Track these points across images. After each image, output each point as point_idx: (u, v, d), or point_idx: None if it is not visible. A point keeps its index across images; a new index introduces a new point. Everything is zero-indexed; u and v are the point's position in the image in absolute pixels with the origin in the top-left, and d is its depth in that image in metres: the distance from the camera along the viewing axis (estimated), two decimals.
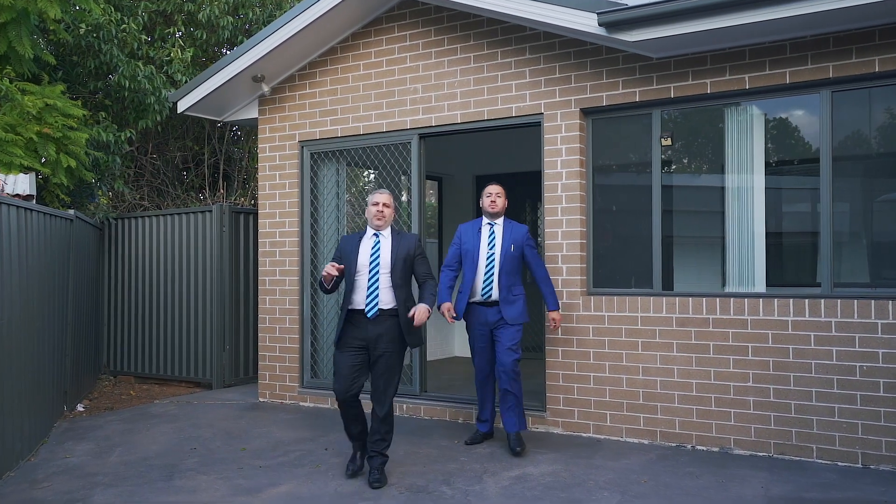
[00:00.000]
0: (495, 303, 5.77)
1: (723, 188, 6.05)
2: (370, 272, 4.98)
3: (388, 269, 4.99)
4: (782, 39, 5.51)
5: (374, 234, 5.08)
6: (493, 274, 5.75)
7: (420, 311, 4.93)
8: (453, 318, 5.77)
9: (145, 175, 10.92)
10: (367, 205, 5.14)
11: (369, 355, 5.02)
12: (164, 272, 9.29)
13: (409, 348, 5.23)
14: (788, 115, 5.81)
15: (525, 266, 5.91)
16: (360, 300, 4.96)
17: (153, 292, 9.36)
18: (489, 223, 5.88)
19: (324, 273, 4.92)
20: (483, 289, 5.79)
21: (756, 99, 5.78)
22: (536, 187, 9.78)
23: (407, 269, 5.08)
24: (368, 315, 4.93)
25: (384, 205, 5.07)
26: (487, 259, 5.79)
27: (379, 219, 5.06)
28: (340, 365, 5.00)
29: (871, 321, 5.24)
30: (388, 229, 5.12)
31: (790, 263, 6.12)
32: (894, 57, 5.17)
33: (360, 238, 5.08)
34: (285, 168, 7.85)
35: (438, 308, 5.68)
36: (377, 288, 4.96)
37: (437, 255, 10.30)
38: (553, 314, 5.90)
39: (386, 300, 4.98)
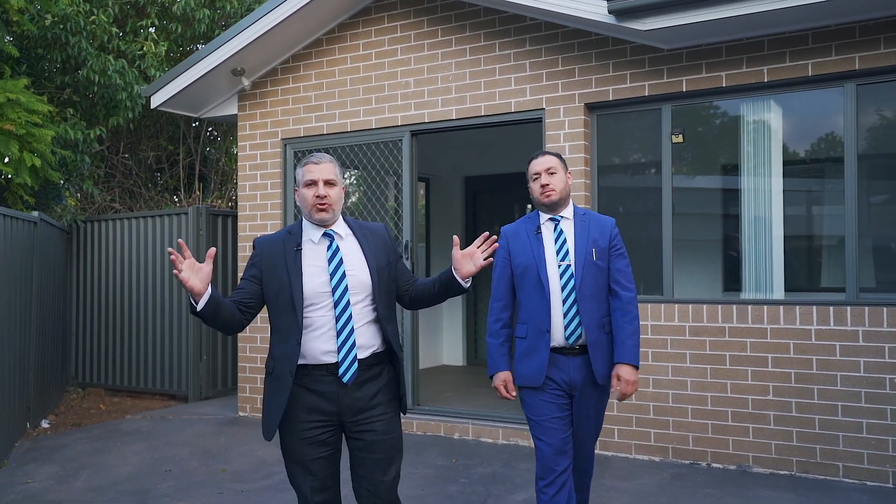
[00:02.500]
0: (581, 350, 3.45)
1: (738, 189, 5.69)
2: (337, 303, 2.89)
3: (367, 291, 2.94)
4: (804, 29, 5.16)
5: (326, 234, 2.97)
6: (575, 301, 3.41)
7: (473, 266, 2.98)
8: (512, 396, 3.55)
9: (116, 175, 10.36)
10: (296, 185, 3.02)
11: (343, 429, 2.98)
12: (136, 278, 8.75)
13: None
14: (810, 110, 5.47)
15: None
16: (318, 351, 2.89)
17: (125, 299, 8.83)
18: (552, 218, 3.52)
19: (182, 277, 2.73)
20: (568, 327, 3.42)
21: (775, 93, 5.43)
22: None
23: (392, 285, 3.08)
24: (345, 378, 2.87)
25: (326, 182, 2.92)
26: (563, 278, 3.43)
27: (321, 207, 2.92)
28: (301, 455, 2.93)
29: None
30: (341, 221, 3.04)
31: (811, 268, 5.79)
32: None
33: (297, 243, 2.95)
34: (267, 167, 7.38)
35: (490, 377, 3.55)
36: (351, 329, 2.88)
37: (426, 261, 9.87)
38: (624, 371, 3.43)
39: (368, 342, 2.94)
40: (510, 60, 6.19)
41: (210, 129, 11.17)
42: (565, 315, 3.41)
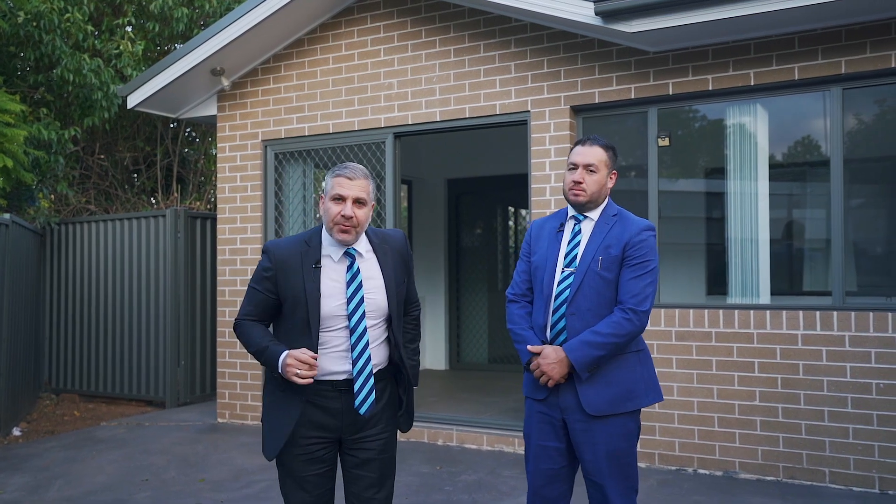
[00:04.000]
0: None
1: (724, 192, 5.66)
2: (353, 329, 2.72)
3: (383, 316, 2.81)
4: (790, 32, 5.14)
5: (346, 254, 2.77)
6: (564, 315, 3.00)
7: None
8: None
9: (92, 177, 10.17)
10: (323, 196, 2.78)
11: (341, 447, 2.86)
12: (112, 281, 8.57)
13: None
14: (796, 113, 5.46)
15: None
16: (327, 371, 2.73)
17: (101, 303, 8.64)
18: (575, 217, 3.12)
19: (294, 376, 2.58)
20: (553, 343, 3.03)
21: (761, 96, 5.40)
22: (513, 192, 9.44)
23: (403, 302, 2.94)
24: (362, 411, 2.74)
25: (355, 201, 2.70)
26: (560, 285, 3.03)
27: (344, 229, 2.70)
28: (296, 471, 2.78)
29: (888, 335, 4.88)
30: (364, 238, 2.84)
31: (797, 272, 5.77)
32: None
33: (317, 259, 2.74)
34: (247, 169, 7.25)
35: (527, 365, 3.07)
36: (368, 357, 2.73)
37: None
38: (550, 351, 2.97)
39: (379, 361, 2.82)
40: (495, 62, 6.12)
41: (188, 129, 11.00)
42: (552, 328, 3.01)
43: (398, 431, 2.97)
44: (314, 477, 2.79)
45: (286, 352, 2.63)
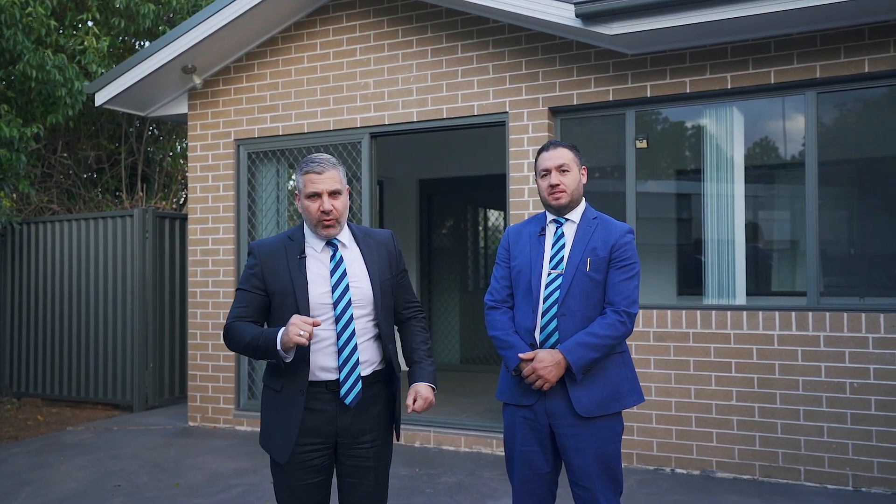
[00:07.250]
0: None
1: (700, 194, 5.72)
2: (339, 317, 2.70)
3: (370, 305, 2.77)
4: (767, 37, 5.21)
5: (329, 244, 2.78)
6: (555, 317, 2.98)
7: (423, 396, 2.80)
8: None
9: (54, 175, 9.92)
10: (298, 193, 2.79)
11: (336, 454, 2.79)
12: (77, 283, 8.36)
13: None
14: (772, 117, 5.54)
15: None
16: (317, 367, 2.69)
17: (65, 305, 8.43)
18: (555, 220, 3.13)
19: (297, 336, 2.48)
20: (544, 345, 3.01)
21: (738, 99, 5.47)
22: (485, 192, 9.44)
23: (391, 301, 2.89)
24: (347, 400, 2.69)
25: (330, 194, 2.71)
26: (547, 287, 3.02)
27: (327, 223, 2.72)
28: (290, 479, 2.73)
29: (861, 335, 4.98)
30: (345, 229, 2.86)
31: (772, 273, 5.86)
32: (885, 57, 4.93)
33: (301, 250, 2.75)
34: (219, 169, 7.13)
35: (515, 371, 3.00)
36: (354, 346, 2.70)
37: None
38: (545, 355, 2.92)
39: (371, 359, 2.77)
40: (473, 63, 6.10)
41: (153, 127, 10.78)
42: (542, 330, 2.99)
43: (393, 439, 2.93)
44: (308, 486, 2.74)
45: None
